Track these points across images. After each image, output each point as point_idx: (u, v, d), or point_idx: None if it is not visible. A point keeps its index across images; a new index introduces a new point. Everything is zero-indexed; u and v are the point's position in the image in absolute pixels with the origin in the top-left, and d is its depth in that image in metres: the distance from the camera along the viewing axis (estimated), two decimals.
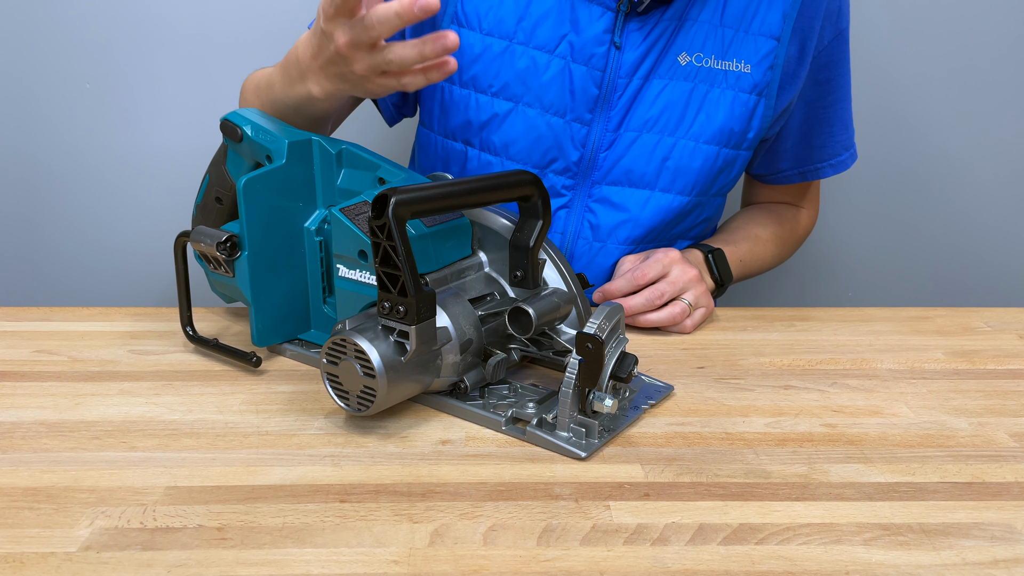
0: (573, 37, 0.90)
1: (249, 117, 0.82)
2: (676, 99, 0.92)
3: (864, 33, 1.40)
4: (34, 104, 1.41)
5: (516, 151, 0.93)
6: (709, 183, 0.97)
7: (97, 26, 1.37)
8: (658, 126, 0.92)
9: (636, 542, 0.56)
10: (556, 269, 0.77)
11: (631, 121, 0.92)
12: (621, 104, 0.91)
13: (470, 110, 0.93)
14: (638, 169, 0.93)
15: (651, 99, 0.92)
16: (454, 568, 0.53)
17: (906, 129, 1.46)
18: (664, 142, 0.93)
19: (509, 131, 0.93)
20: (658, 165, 0.93)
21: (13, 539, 0.56)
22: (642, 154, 0.93)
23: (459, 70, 0.92)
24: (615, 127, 0.92)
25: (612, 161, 0.93)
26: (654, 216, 0.96)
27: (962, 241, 1.52)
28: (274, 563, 0.53)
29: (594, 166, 0.93)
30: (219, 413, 0.72)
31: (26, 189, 1.45)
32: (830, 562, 0.54)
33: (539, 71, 0.91)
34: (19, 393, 0.76)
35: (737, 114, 0.93)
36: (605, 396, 0.66)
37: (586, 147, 0.92)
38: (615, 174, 0.94)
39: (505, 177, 0.72)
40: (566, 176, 0.94)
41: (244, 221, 0.77)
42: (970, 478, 0.64)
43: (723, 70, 0.91)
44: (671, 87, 0.92)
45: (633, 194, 0.95)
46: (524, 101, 0.92)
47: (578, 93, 0.91)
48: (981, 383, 0.80)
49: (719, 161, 0.95)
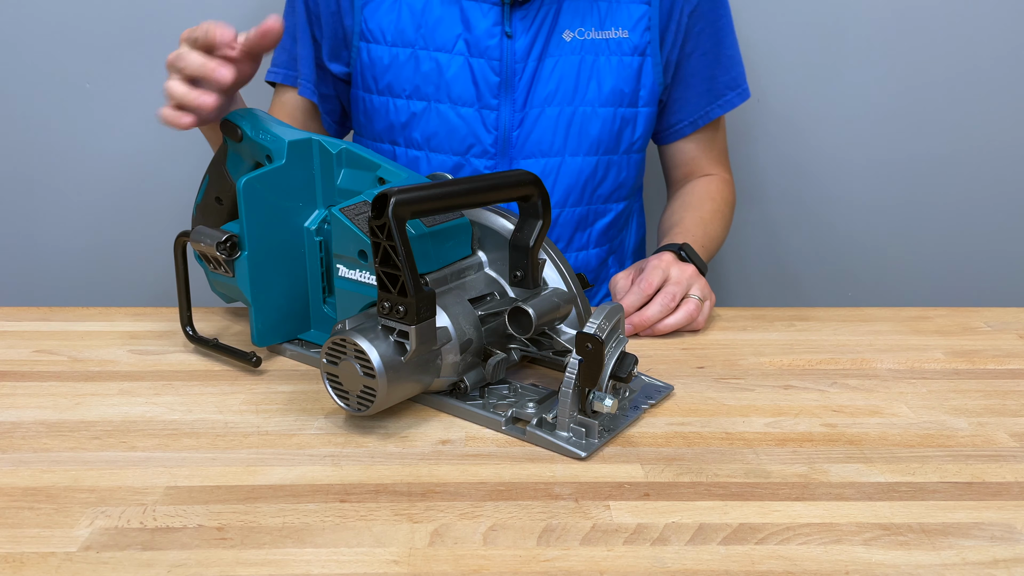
0: (467, 35, 1.00)
1: (249, 117, 0.82)
2: (568, 72, 1.02)
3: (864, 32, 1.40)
4: (34, 104, 1.41)
5: (437, 143, 1.03)
6: (613, 142, 1.07)
7: (97, 26, 1.37)
8: (557, 99, 1.03)
9: (636, 542, 0.56)
10: (556, 269, 0.77)
11: (533, 99, 1.02)
12: (522, 86, 1.01)
13: (390, 114, 1.04)
14: (546, 140, 1.04)
15: (547, 76, 1.02)
16: (454, 568, 0.53)
17: (906, 128, 1.46)
18: (564, 112, 1.03)
19: (427, 127, 1.03)
20: (564, 133, 1.04)
21: (13, 539, 0.56)
22: (548, 126, 1.03)
23: (375, 80, 1.03)
24: (521, 107, 1.02)
25: (524, 137, 1.03)
26: (569, 178, 1.06)
27: (962, 241, 1.52)
28: (274, 563, 0.53)
29: (509, 144, 1.03)
30: (219, 413, 0.72)
31: (26, 189, 1.45)
32: (830, 562, 0.54)
33: (443, 70, 1.01)
34: (19, 393, 0.76)
35: (625, 76, 1.04)
36: (605, 396, 0.66)
37: (498, 129, 1.02)
38: (528, 148, 1.04)
39: (505, 177, 0.72)
40: (486, 158, 1.04)
41: (244, 221, 0.77)
42: (970, 478, 0.64)
43: (604, 39, 1.03)
44: (562, 62, 1.02)
45: (548, 163, 1.05)
46: (435, 99, 1.02)
47: (481, 83, 1.01)
48: (981, 383, 0.80)
49: (617, 121, 1.06)
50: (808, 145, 1.46)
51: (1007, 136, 1.46)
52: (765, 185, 1.48)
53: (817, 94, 1.43)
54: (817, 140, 1.46)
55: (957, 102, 1.44)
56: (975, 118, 1.45)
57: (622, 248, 1.19)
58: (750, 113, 1.44)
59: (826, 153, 1.47)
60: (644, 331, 0.89)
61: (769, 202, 1.48)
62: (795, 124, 1.45)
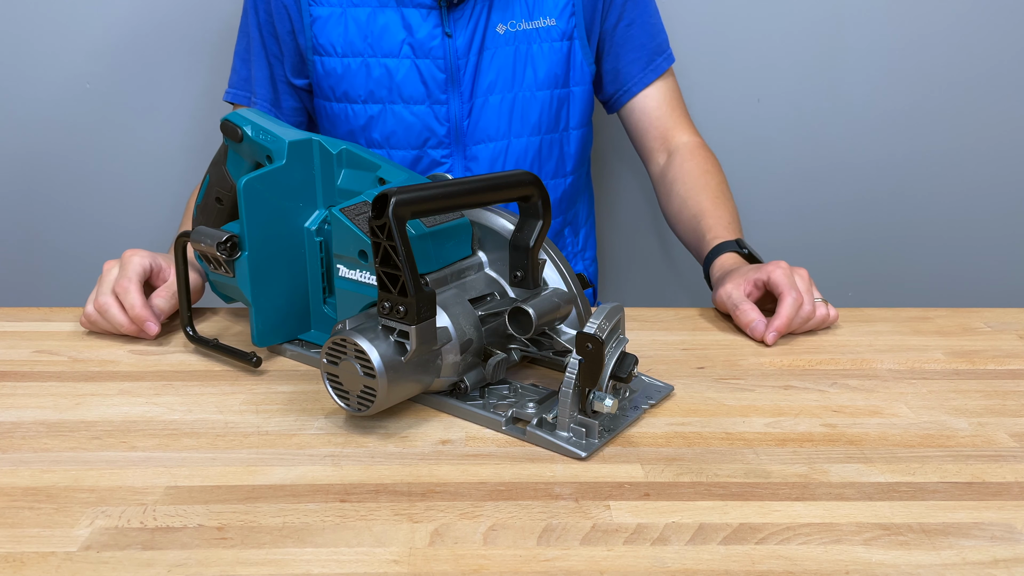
0: (411, 39, 1.08)
1: (249, 117, 0.82)
2: (505, 63, 1.11)
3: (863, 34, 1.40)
4: (34, 104, 1.40)
5: (396, 140, 1.11)
6: (553, 121, 1.15)
7: (97, 26, 1.37)
8: (498, 87, 1.11)
9: (636, 542, 0.56)
10: (556, 269, 0.77)
11: (478, 89, 1.10)
12: (467, 79, 1.10)
13: (349, 119, 1.12)
14: (493, 125, 1.12)
15: (487, 68, 1.10)
16: (454, 568, 0.53)
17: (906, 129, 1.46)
18: (506, 98, 1.12)
19: (384, 127, 1.11)
20: (507, 117, 1.12)
21: (13, 539, 0.56)
22: (493, 113, 1.11)
23: (331, 89, 1.11)
24: (468, 98, 1.10)
25: (473, 125, 1.11)
26: (517, 158, 1.14)
27: (962, 242, 1.52)
28: (274, 563, 0.53)
29: (461, 133, 1.11)
30: (219, 413, 0.72)
31: (26, 189, 1.45)
32: (830, 562, 0.54)
33: (393, 74, 1.09)
34: (19, 393, 0.76)
35: (556, 60, 1.13)
36: (605, 396, 0.66)
37: (450, 120, 1.10)
38: (478, 134, 1.12)
39: (505, 177, 0.72)
40: (441, 148, 1.12)
41: (244, 221, 0.77)
42: (970, 478, 0.64)
43: (534, 28, 1.11)
44: (499, 54, 1.10)
45: (496, 146, 1.13)
46: (388, 100, 1.10)
47: (429, 81, 1.09)
48: (981, 383, 0.80)
49: (555, 102, 1.14)
50: (808, 145, 1.46)
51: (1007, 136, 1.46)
52: (765, 185, 1.48)
53: (817, 95, 1.43)
54: (817, 140, 1.46)
55: (957, 102, 1.44)
56: (975, 118, 1.45)
57: (576, 220, 1.26)
58: (750, 114, 1.44)
59: (826, 153, 1.47)
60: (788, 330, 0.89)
61: (769, 202, 1.48)
62: (795, 125, 1.45)
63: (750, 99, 1.43)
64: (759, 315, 0.89)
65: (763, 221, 1.48)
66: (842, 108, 1.43)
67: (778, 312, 0.88)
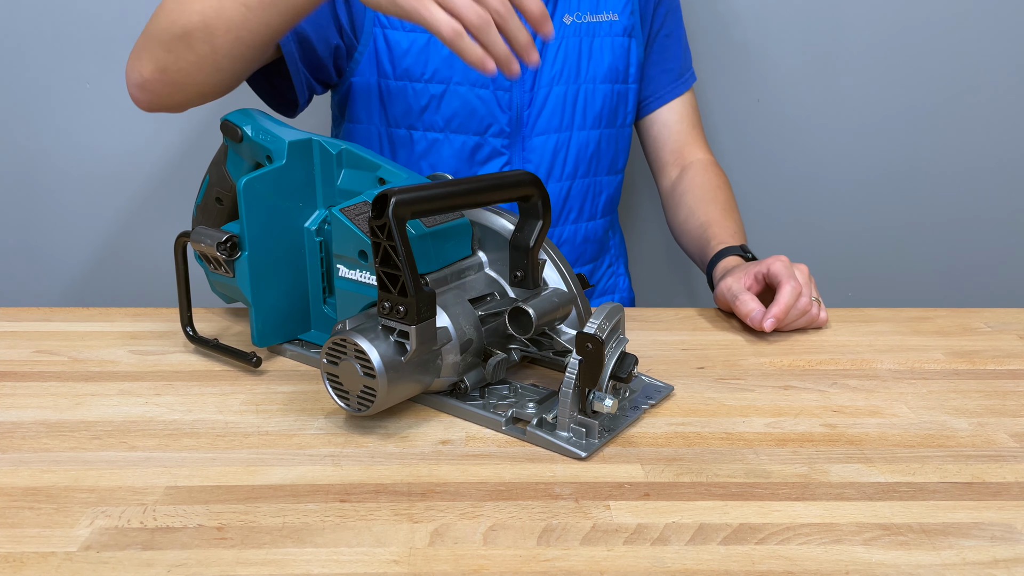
0: None
1: (249, 117, 0.82)
2: (570, 53, 1.10)
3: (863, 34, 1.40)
4: (34, 104, 1.40)
5: (457, 124, 1.08)
6: (612, 115, 1.16)
7: (97, 26, 1.37)
8: (562, 78, 1.10)
9: (636, 542, 0.56)
10: (556, 269, 0.77)
11: (541, 79, 1.09)
12: (529, 69, 1.06)
13: (408, 98, 1.08)
14: (556, 117, 1.11)
15: (551, 58, 1.09)
16: (454, 568, 0.53)
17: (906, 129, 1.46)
18: (570, 90, 1.11)
19: (446, 109, 1.08)
20: (570, 110, 1.11)
21: (13, 539, 0.56)
22: (556, 104, 1.10)
23: (392, 64, 1.06)
24: (530, 87, 1.09)
25: (535, 115, 1.10)
26: (578, 152, 1.13)
27: (962, 241, 1.52)
28: (274, 563, 0.53)
29: (521, 123, 1.10)
30: (219, 413, 0.72)
31: (26, 189, 1.45)
32: (830, 562, 0.54)
33: None
34: (19, 393, 0.76)
35: (618, 54, 1.13)
36: (605, 396, 0.66)
37: (512, 109, 1.09)
38: (539, 125, 1.10)
39: (505, 177, 0.72)
40: (502, 137, 1.10)
41: (244, 221, 0.77)
42: (970, 478, 0.64)
43: (598, 22, 1.12)
44: (564, 44, 1.10)
45: (557, 138, 1.12)
46: (454, 81, 1.07)
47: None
48: (981, 383, 0.80)
49: (615, 96, 1.15)
50: (808, 146, 1.46)
51: (1007, 137, 1.46)
52: (765, 186, 1.48)
53: (817, 96, 1.43)
54: (817, 141, 1.46)
55: (957, 102, 1.44)
56: (975, 118, 1.45)
57: (617, 221, 1.28)
58: (750, 115, 1.44)
59: (826, 154, 1.47)
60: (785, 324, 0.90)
61: (768, 203, 1.48)
62: (795, 125, 1.45)
63: (750, 99, 1.43)
64: (758, 304, 0.89)
65: (763, 221, 1.48)
66: (842, 108, 1.44)
67: (776, 299, 0.89)
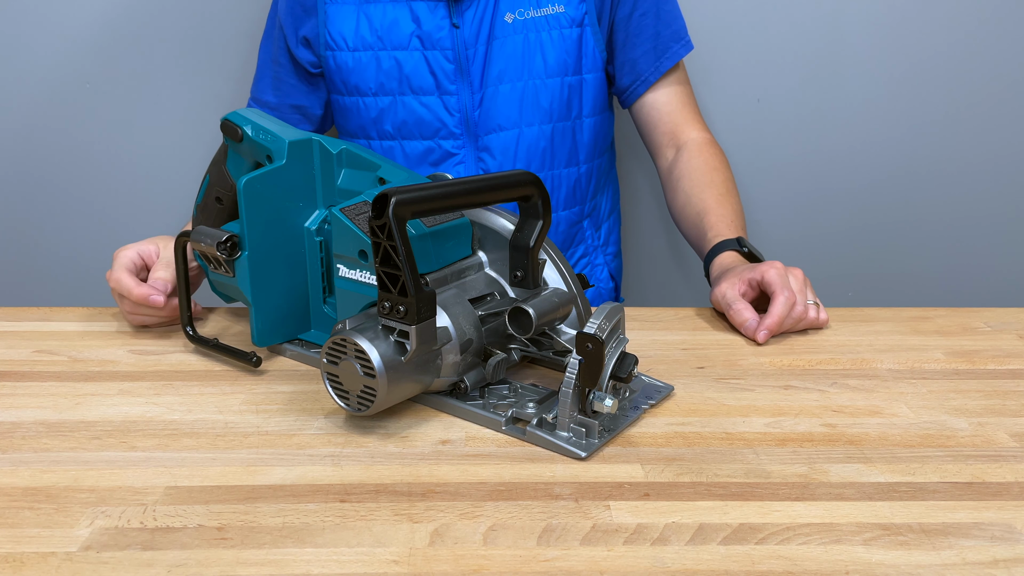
0: (419, 31, 1.10)
1: (249, 117, 0.82)
2: (514, 51, 1.11)
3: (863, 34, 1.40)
4: (34, 104, 1.40)
5: (407, 131, 1.13)
6: (565, 108, 1.15)
7: (97, 26, 1.37)
8: (507, 76, 1.11)
9: (636, 542, 0.56)
10: (556, 269, 0.77)
11: (487, 79, 1.11)
12: (475, 69, 1.11)
13: (360, 111, 1.14)
14: (504, 114, 1.12)
15: (496, 57, 1.11)
16: (454, 568, 0.53)
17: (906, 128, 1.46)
18: (516, 87, 1.12)
19: (395, 118, 1.13)
20: (517, 107, 1.12)
21: (13, 539, 0.56)
22: (504, 102, 1.12)
23: (343, 83, 1.13)
24: (478, 87, 1.11)
25: (484, 115, 1.12)
26: (528, 147, 1.14)
27: (962, 241, 1.52)
28: (274, 563, 0.53)
29: (472, 123, 1.12)
30: (219, 413, 0.72)
31: (26, 189, 1.45)
32: (830, 562, 0.54)
33: (403, 66, 1.11)
34: (19, 393, 0.76)
35: (567, 47, 1.12)
36: (605, 396, 0.66)
37: (460, 111, 1.12)
38: (489, 124, 1.12)
39: (505, 177, 0.72)
40: (452, 139, 1.13)
41: (244, 221, 0.77)
42: (970, 478, 0.64)
43: (543, 16, 1.11)
44: (508, 43, 1.11)
45: (507, 135, 1.13)
46: (399, 92, 1.12)
47: (438, 72, 1.10)
48: (981, 383, 0.80)
49: (565, 89, 1.14)
50: (808, 146, 1.46)
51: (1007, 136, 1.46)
52: (765, 186, 1.48)
53: (817, 96, 1.43)
54: (817, 141, 1.46)
55: (957, 102, 1.44)
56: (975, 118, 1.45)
57: (596, 213, 1.25)
58: (750, 114, 1.44)
59: (826, 154, 1.46)
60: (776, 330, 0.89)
61: (768, 203, 1.48)
62: (795, 125, 1.45)
63: (750, 99, 1.43)
64: (752, 314, 0.89)
65: (763, 221, 1.48)
66: (842, 108, 1.43)
67: (770, 311, 0.88)
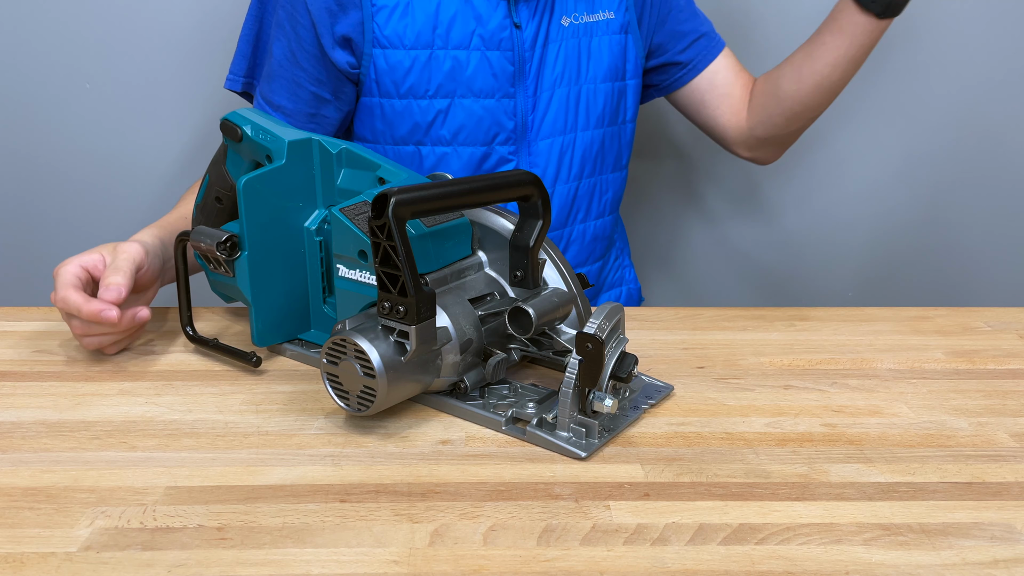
0: (481, 30, 1.06)
1: (249, 117, 0.82)
2: (570, 55, 1.11)
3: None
4: (34, 104, 1.40)
5: (464, 137, 1.09)
6: (614, 113, 1.17)
7: (97, 26, 1.37)
8: (564, 80, 1.11)
9: (636, 542, 0.56)
10: (556, 269, 0.77)
11: (543, 83, 1.10)
12: (532, 72, 1.09)
13: (414, 115, 1.07)
14: (559, 119, 1.11)
15: (552, 61, 1.10)
16: (454, 568, 0.53)
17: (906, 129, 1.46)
18: (572, 92, 1.12)
19: (453, 122, 1.08)
20: (573, 111, 1.12)
21: (13, 539, 0.56)
22: (559, 107, 1.11)
23: (395, 84, 1.06)
24: (533, 92, 1.09)
25: (539, 120, 1.10)
26: (582, 152, 1.14)
27: (962, 241, 1.52)
28: (274, 563, 0.53)
29: (526, 128, 1.10)
30: (219, 413, 0.72)
31: (26, 189, 1.45)
32: (830, 562, 0.54)
33: (463, 66, 1.06)
34: (19, 393, 0.76)
35: (615, 52, 1.14)
36: (605, 396, 0.66)
37: (516, 115, 1.09)
38: (544, 129, 1.11)
39: (505, 177, 0.72)
40: (508, 144, 1.10)
41: (244, 221, 0.77)
42: (970, 478, 0.64)
43: (595, 21, 1.12)
44: (564, 46, 1.10)
45: (563, 140, 1.12)
46: (458, 94, 1.07)
47: (499, 74, 1.07)
48: (981, 383, 0.80)
49: (615, 93, 1.16)
50: (808, 146, 1.46)
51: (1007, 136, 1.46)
52: (765, 186, 1.48)
53: None
54: (817, 141, 1.46)
55: (957, 102, 1.44)
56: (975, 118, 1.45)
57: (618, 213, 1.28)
58: None
59: (826, 155, 1.47)
60: None
61: (769, 203, 1.48)
62: None
63: None
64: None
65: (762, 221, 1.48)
66: (842, 108, 1.43)
67: None
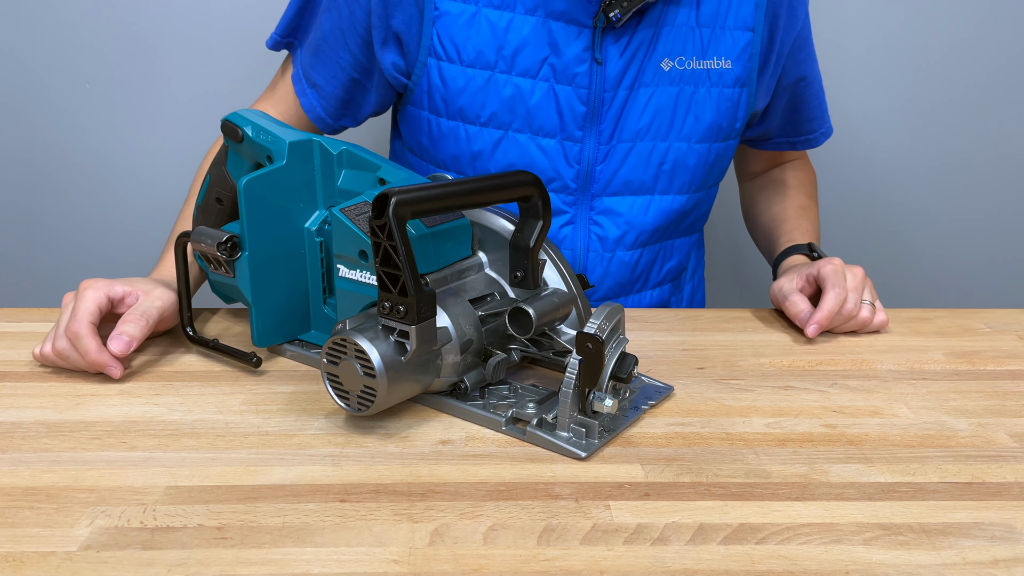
0: (554, 60, 0.90)
1: (250, 118, 0.82)
2: (664, 104, 0.94)
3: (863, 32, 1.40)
4: (34, 104, 1.41)
5: None
6: (705, 178, 1.00)
7: (97, 26, 1.37)
8: (651, 133, 0.94)
9: (636, 542, 0.56)
10: (556, 269, 0.77)
11: (623, 132, 0.93)
12: (610, 117, 0.92)
13: (460, 141, 0.94)
14: (636, 177, 0.95)
15: (640, 108, 0.93)
16: (454, 568, 0.53)
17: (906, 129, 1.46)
18: (659, 148, 0.95)
19: (502, 158, 0.94)
20: (655, 171, 0.95)
21: (13, 539, 0.56)
22: (639, 162, 0.95)
23: (444, 102, 0.93)
24: (607, 139, 0.93)
25: (609, 173, 0.94)
26: (658, 218, 0.99)
27: (962, 241, 1.52)
28: (274, 563, 0.53)
29: (592, 180, 0.94)
30: (219, 413, 0.72)
31: (26, 189, 1.45)
32: (830, 562, 0.54)
33: (525, 97, 0.91)
34: (19, 393, 0.76)
35: (723, 109, 0.96)
36: (605, 396, 0.66)
37: (581, 163, 0.93)
38: (614, 185, 0.95)
39: (505, 177, 0.72)
40: (565, 193, 0.95)
41: (244, 221, 0.77)
42: (970, 478, 0.64)
43: (705, 69, 0.93)
44: (658, 93, 0.93)
45: (635, 201, 0.96)
46: (513, 128, 0.92)
47: (566, 113, 0.92)
48: (981, 384, 0.80)
49: (712, 156, 0.98)
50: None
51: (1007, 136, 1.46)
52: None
53: None
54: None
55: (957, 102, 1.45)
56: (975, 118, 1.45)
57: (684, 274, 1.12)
58: None
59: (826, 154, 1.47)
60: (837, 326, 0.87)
61: None
62: None
63: None
64: (807, 306, 0.87)
65: None
66: (842, 108, 1.43)
67: (820, 305, 0.86)
